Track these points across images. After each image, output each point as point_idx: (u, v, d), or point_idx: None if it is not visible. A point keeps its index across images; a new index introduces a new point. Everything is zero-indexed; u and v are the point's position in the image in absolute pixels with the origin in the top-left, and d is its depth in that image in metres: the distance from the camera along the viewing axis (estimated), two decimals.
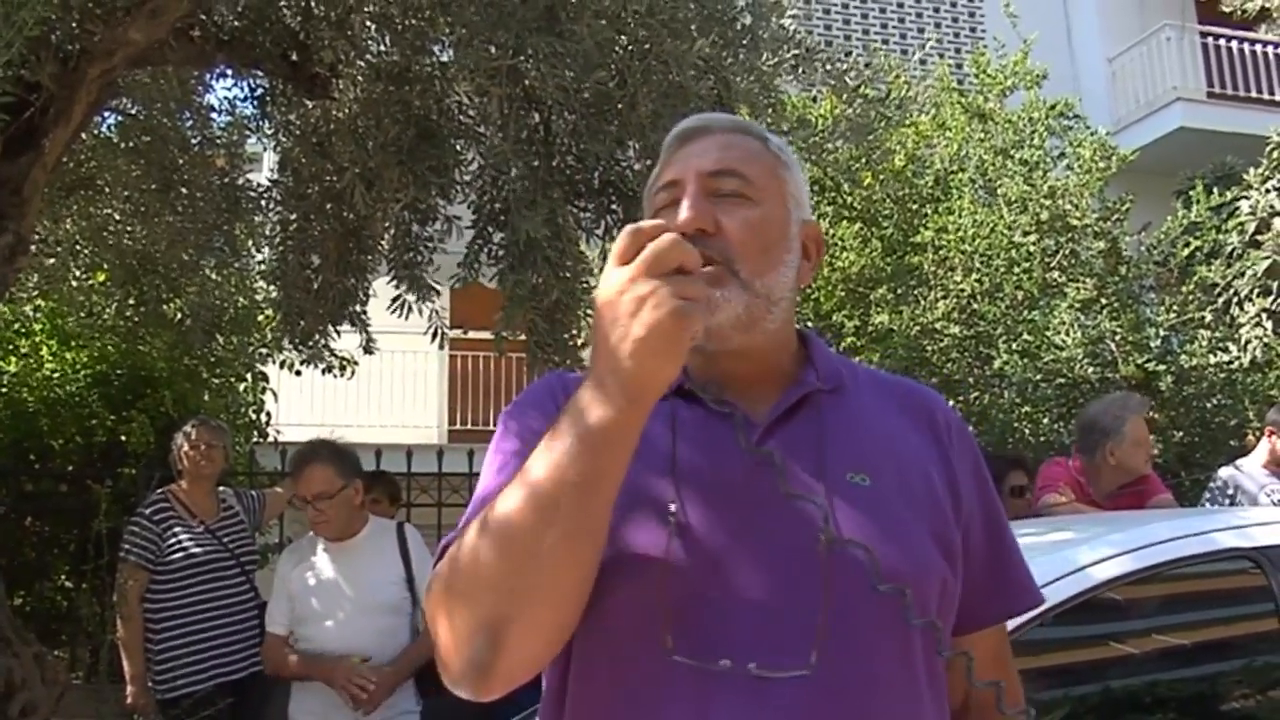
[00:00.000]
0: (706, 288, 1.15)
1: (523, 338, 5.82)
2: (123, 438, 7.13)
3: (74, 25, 4.60)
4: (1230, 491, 5.48)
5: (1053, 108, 8.22)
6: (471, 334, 10.67)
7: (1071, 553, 2.66)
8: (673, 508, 1.28)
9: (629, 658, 1.26)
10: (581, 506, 1.13)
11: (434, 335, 6.28)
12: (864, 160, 7.44)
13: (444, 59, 5.56)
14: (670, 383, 1.12)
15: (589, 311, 6.79)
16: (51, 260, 6.72)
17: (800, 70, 5.69)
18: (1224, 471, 5.56)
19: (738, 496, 1.31)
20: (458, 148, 5.84)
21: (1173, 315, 7.76)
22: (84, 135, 5.68)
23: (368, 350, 6.82)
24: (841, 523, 1.29)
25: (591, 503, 1.14)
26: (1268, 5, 12.02)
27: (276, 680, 4.46)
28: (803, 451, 1.35)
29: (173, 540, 4.85)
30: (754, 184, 1.40)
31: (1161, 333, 7.72)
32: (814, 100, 7.34)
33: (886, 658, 1.29)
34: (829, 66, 5.75)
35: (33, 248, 5.97)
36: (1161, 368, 7.34)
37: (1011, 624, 2.43)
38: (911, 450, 1.44)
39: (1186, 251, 8.05)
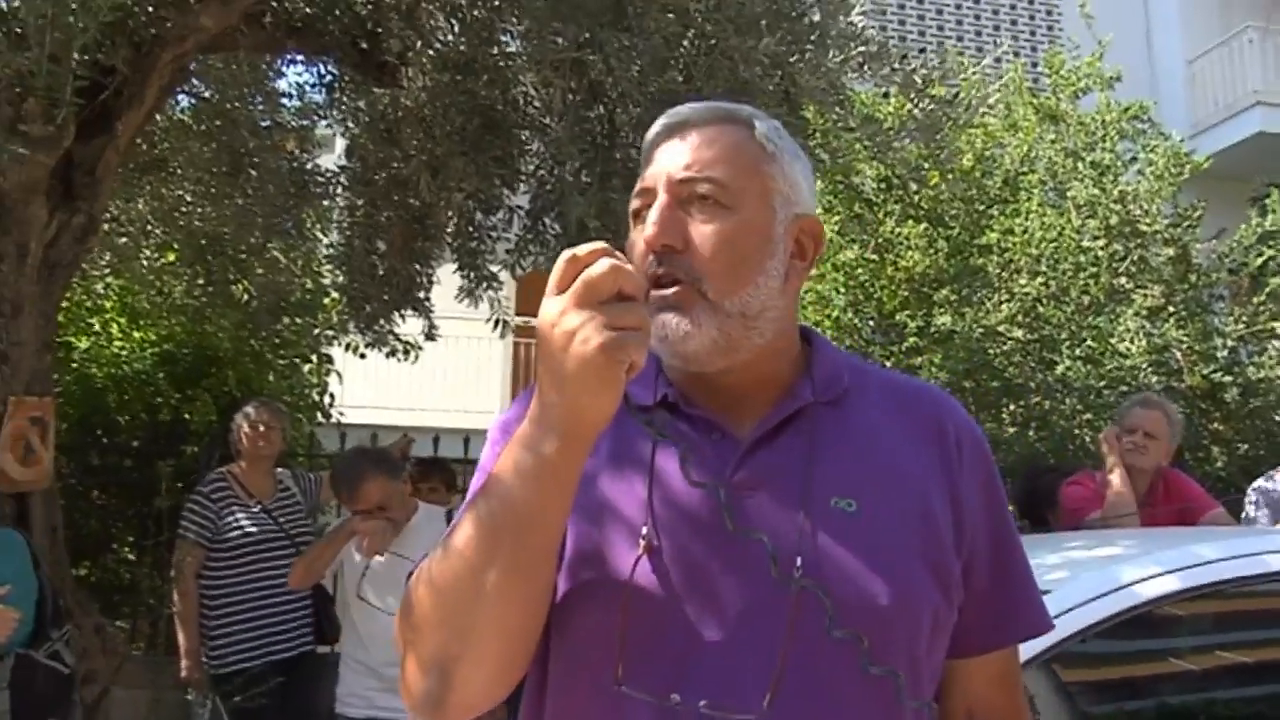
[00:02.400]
0: (644, 315, 1.07)
1: None
2: (187, 416, 7.25)
3: (148, 11, 4.68)
4: (1254, 500, 5.38)
5: (1125, 110, 8.09)
6: (533, 322, 10.74)
7: (1118, 569, 2.63)
8: (644, 531, 1.23)
9: (586, 684, 1.23)
10: (521, 543, 1.10)
11: (495, 324, 6.32)
12: (932, 160, 7.37)
13: (510, 50, 5.59)
14: (608, 417, 1.08)
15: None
16: (124, 239, 6.84)
17: (867, 68, 5.65)
18: (1258, 483, 5.45)
19: (708, 524, 1.24)
20: (522, 138, 5.87)
21: (1242, 326, 7.61)
22: (157, 117, 5.78)
23: (430, 337, 6.88)
24: (819, 553, 1.22)
25: (531, 539, 1.11)
26: None
27: (325, 657, 4.54)
28: (787, 473, 1.27)
29: (229, 519, 4.93)
30: (729, 188, 1.29)
31: (1229, 343, 7.57)
32: (885, 97, 7.28)
33: (851, 704, 1.21)
34: (896, 65, 5.71)
35: (105, 227, 6.10)
36: (1228, 379, 7.21)
37: (1054, 637, 2.45)
38: (910, 469, 1.34)
39: (1260, 261, 7.89)
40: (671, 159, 1.32)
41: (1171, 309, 7.47)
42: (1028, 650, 2.42)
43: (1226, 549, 2.77)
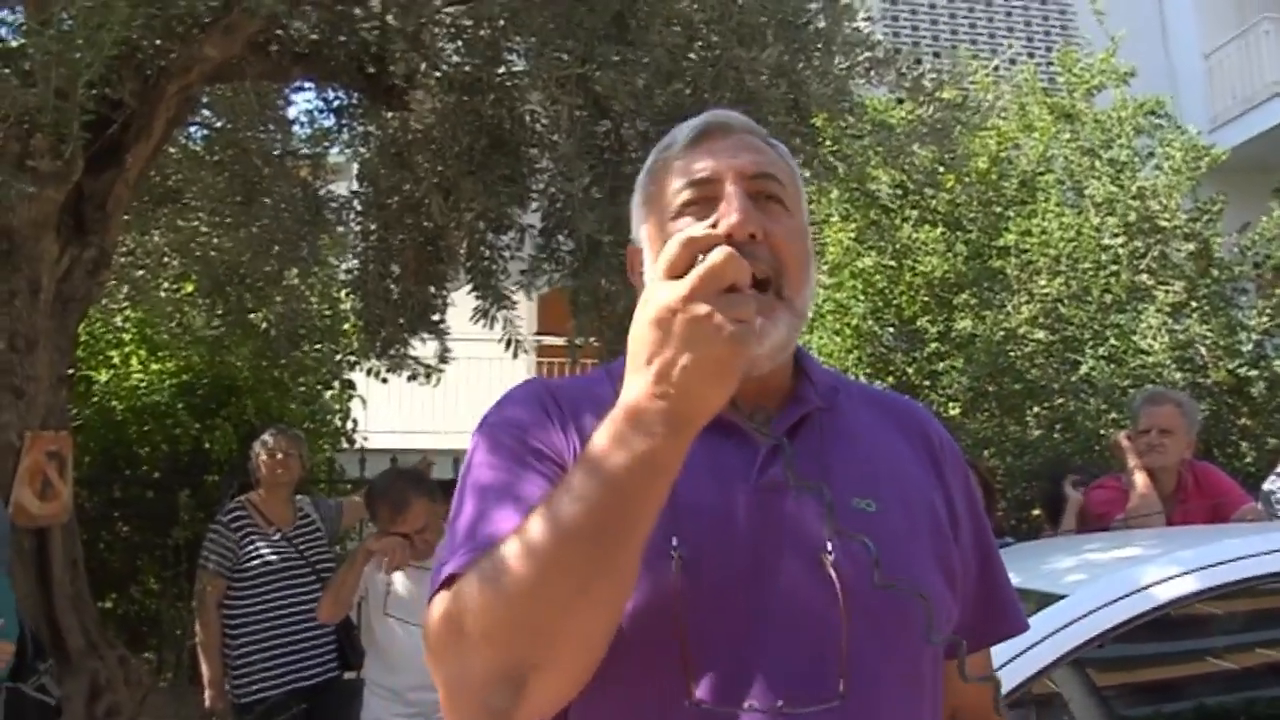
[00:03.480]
0: (754, 308, 1.03)
1: (597, 344, 5.83)
2: (207, 445, 7.27)
3: (154, 44, 4.70)
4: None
5: (1141, 105, 8.04)
6: (551, 341, 10.73)
7: (1137, 571, 2.60)
8: (674, 541, 1.19)
9: (642, 702, 1.18)
10: (625, 543, 1.04)
11: (508, 344, 6.31)
12: (945, 163, 7.33)
13: (516, 68, 5.59)
14: (716, 410, 1.02)
15: None
16: (141, 271, 6.89)
17: (874, 74, 5.63)
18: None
19: (743, 526, 1.24)
20: (530, 156, 5.87)
21: (1266, 319, 7.51)
22: (169, 149, 5.82)
23: (443, 360, 6.87)
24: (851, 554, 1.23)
25: (635, 538, 1.05)
26: None
27: (350, 685, 4.51)
28: (807, 475, 1.23)
29: (249, 548, 4.92)
30: (789, 191, 1.32)
31: (1254, 337, 7.47)
32: (899, 103, 7.24)
33: (897, 676, 1.24)
34: (904, 70, 5.68)
35: (122, 259, 6.14)
36: (1254, 373, 7.13)
37: (1071, 643, 2.42)
38: (911, 471, 1.38)
39: None
40: (733, 154, 1.30)
41: (1194, 304, 7.39)
42: (1050, 654, 2.39)
43: (1251, 546, 2.73)
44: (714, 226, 1.19)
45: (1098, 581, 2.60)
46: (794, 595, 1.21)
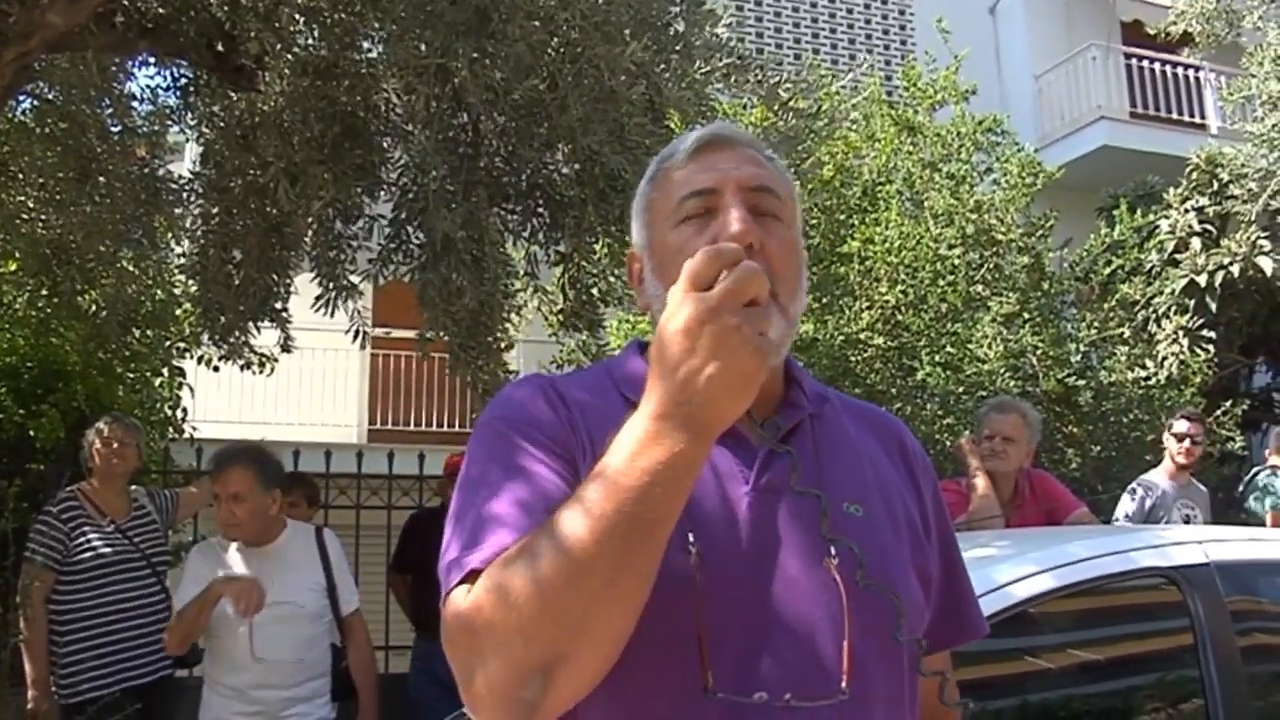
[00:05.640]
0: (773, 321, 1.12)
1: (446, 338, 5.77)
2: (31, 433, 6.93)
3: None
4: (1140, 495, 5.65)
5: (980, 123, 8.28)
6: (395, 334, 10.58)
7: (993, 570, 2.68)
8: (691, 537, 1.24)
9: (659, 692, 1.22)
10: (654, 541, 1.09)
11: (355, 334, 6.20)
12: (793, 170, 7.44)
13: (372, 55, 5.49)
14: (737, 416, 1.09)
15: (510, 315, 6.74)
16: None
17: (733, 79, 5.69)
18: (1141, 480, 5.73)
19: (746, 526, 1.30)
20: (384, 146, 5.78)
21: (1093, 331, 7.84)
22: None
23: (285, 349, 6.72)
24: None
25: (660, 536, 1.10)
26: (1189, 29, 12.25)
27: (185, 682, 4.37)
28: (802, 480, 1.31)
29: (81, 540, 4.73)
30: (785, 205, 1.39)
31: (1082, 348, 7.80)
32: (745, 108, 7.33)
33: (885, 676, 1.30)
34: (761, 77, 5.76)
35: None
36: (1081, 383, 7.41)
37: None
38: (891, 478, 1.45)
39: (1109, 269, 8.15)
40: (734, 167, 1.36)
41: (1026, 315, 7.65)
42: None
43: (1096, 547, 2.86)
44: (716, 238, 1.28)
45: None
46: (799, 595, 1.27)
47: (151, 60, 5.90)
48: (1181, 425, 6.16)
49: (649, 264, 1.42)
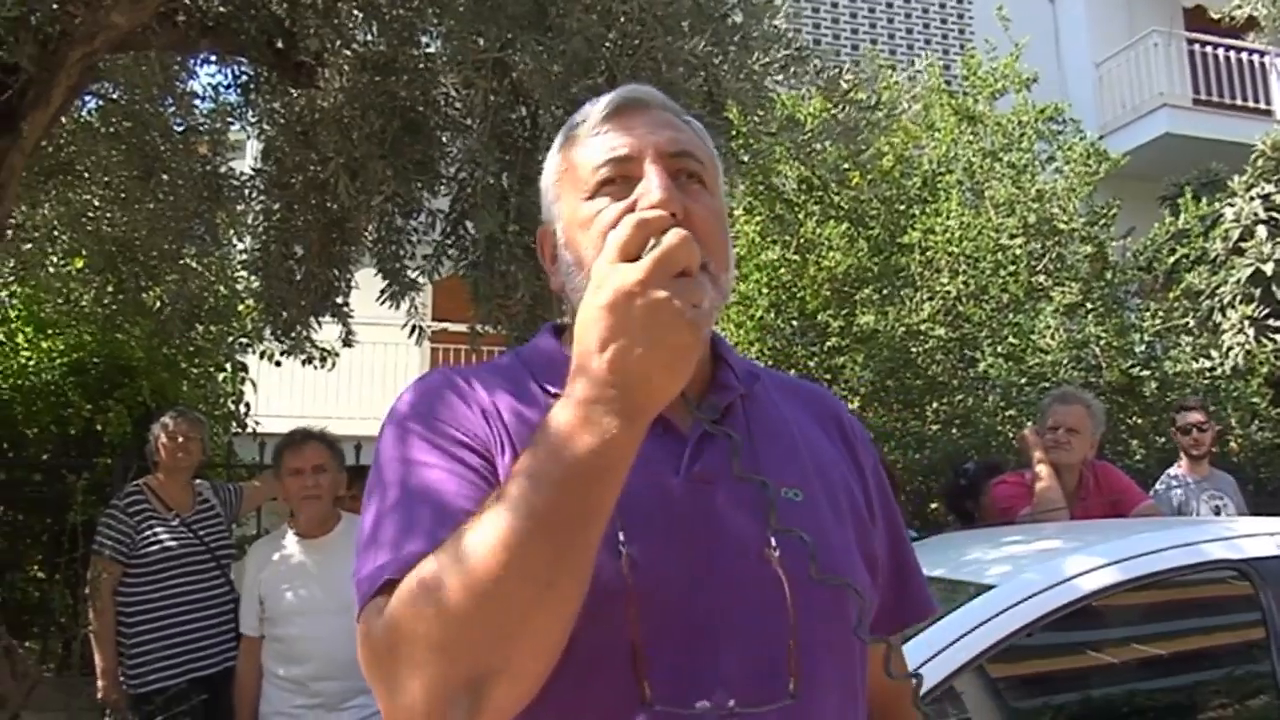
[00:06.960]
0: (706, 292, 0.99)
1: (502, 332, 5.78)
2: (99, 428, 7.04)
3: (55, 7, 4.52)
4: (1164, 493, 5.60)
5: (1042, 111, 8.20)
6: (452, 328, 10.62)
7: (1059, 563, 2.65)
8: (621, 536, 1.13)
9: (593, 705, 1.14)
10: (586, 539, 1.00)
11: (411, 330, 6.23)
12: (852, 160, 7.40)
13: (431, 50, 5.50)
14: (672, 396, 0.99)
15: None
16: (29, 245, 6.64)
17: (791, 71, 5.64)
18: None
19: (680, 520, 1.20)
20: (443, 140, 5.79)
21: (1157, 321, 7.74)
22: (64, 119, 5.60)
23: (347, 343, 6.76)
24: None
25: (594, 533, 1.00)
26: (1254, 14, 12.03)
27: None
28: (743, 467, 1.21)
29: (147, 533, 4.78)
30: (708, 169, 1.27)
31: (1146, 338, 7.70)
32: (804, 99, 7.29)
33: (835, 671, 1.23)
34: (820, 68, 5.71)
35: (9, 233, 5.89)
36: (1145, 373, 7.33)
37: (1002, 632, 2.45)
38: (830, 459, 1.36)
39: (1173, 258, 8.05)
40: (651, 131, 1.25)
41: (1089, 305, 7.58)
42: (981, 642, 2.42)
43: (1165, 540, 2.82)
44: (633, 207, 1.16)
45: (1024, 573, 2.65)
46: (740, 592, 1.19)
47: (213, 58, 5.93)
48: (1187, 417, 6.05)
49: (561, 239, 1.30)
